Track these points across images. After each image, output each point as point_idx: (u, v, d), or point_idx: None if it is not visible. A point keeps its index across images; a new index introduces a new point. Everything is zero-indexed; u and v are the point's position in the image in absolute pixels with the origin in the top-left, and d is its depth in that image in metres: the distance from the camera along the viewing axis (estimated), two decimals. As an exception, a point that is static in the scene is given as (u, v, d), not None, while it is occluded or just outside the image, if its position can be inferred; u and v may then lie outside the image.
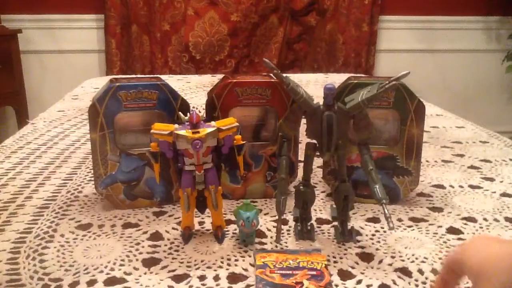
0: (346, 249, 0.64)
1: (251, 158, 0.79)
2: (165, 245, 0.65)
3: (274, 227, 0.70)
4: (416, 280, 0.57)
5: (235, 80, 0.76)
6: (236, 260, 0.61)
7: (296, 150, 0.79)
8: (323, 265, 0.58)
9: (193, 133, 0.60)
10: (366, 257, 0.63)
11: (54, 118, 1.29)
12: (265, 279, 0.55)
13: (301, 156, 0.72)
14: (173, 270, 0.59)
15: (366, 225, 0.72)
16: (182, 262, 0.61)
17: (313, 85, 1.73)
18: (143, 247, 0.65)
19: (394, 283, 0.57)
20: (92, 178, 0.79)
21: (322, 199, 0.81)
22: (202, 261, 0.61)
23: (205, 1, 2.78)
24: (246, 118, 0.78)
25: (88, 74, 2.39)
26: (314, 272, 0.56)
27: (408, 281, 0.57)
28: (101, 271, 0.59)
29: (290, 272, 0.56)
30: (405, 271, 0.59)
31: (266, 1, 2.81)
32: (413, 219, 0.74)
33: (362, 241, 0.67)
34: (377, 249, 0.65)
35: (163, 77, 0.84)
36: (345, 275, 0.59)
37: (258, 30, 2.87)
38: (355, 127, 0.63)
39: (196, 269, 0.60)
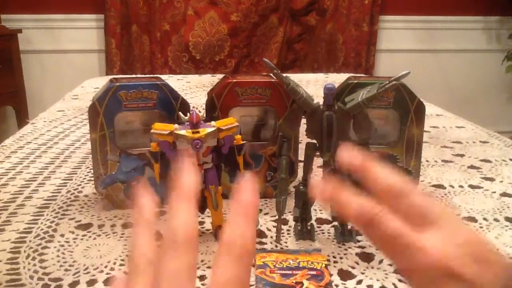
0: (346, 249, 0.64)
1: (251, 158, 0.79)
2: (165, 245, 0.65)
3: (274, 227, 0.70)
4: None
5: (235, 80, 0.76)
6: (236, 260, 0.61)
7: (296, 150, 0.79)
8: (323, 265, 0.58)
9: (193, 133, 0.60)
10: (366, 257, 0.63)
11: (54, 118, 1.29)
12: (265, 279, 0.55)
13: (301, 156, 0.72)
14: (173, 270, 0.59)
15: (366, 225, 0.72)
16: (182, 262, 0.61)
17: (313, 85, 1.73)
18: (143, 247, 0.65)
19: (395, 285, 0.57)
20: (92, 178, 0.79)
21: (322, 199, 0.81)
22: (202, 261, 0.61)
23: (205, 1, 2.78)
24: (246, 118, 0.78)
25: (88, 74, 2.39)
26: (314, 272, 0.56)
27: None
28: (101, 271, 0.59)
29: (290, 272, 0.56)
30: (405, 271, 0.59)
31: (266, 1, 2.81)
32: (413, 219, 0.73)
33: (362, 241, 0.66)
34: (377, 249, 0.65)
35: (163, 77, 0.84)
36: (345, 275, 0.59)
37: (258, 30, 2.87)
38: (355, 127, 0.63)
39: (196, 269, 0.59)
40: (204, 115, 0.75)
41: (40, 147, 1.05)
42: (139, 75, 2.48)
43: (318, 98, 0.63)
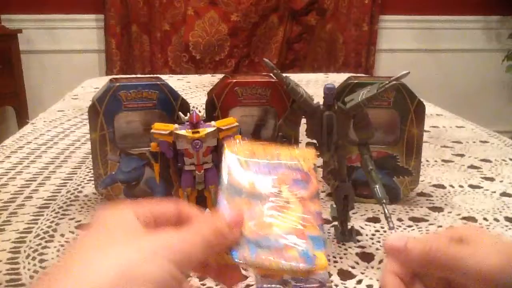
0: (346, 249, 0.64)
1: (251, 158, 0.78)
2: (165, 245, 0.65)
3: (274, 227, 0.70)
4: (416, 280, 0.57)
5: (235, 80, 0.76)
6: (236, 260, 0.61)
7: (296, 150, 0.79)
8: (311, 166, 0.44)
9: (193, 133, 0.60)
10: (366, 257, 0.63)
11: (54, 118, 1.29)
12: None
13: (301, 156, 0.72)
14: (173, 270, 0.59)
15: (366, 225, 0.72)
16: (182, 262, 0.61)
17: (313, 85, 1.73)
18: (143, 247, 0.64)
19: (394, 283, 0.57)
20: (92, 178, 0.79)
21: (322, 199, 0.81)
22: (202, 261, 0.61)
23: (205, 1, 2.78)
24: (246, 118, 0.78)
25: (88, 74, 2.39)
26: (299, 176, 0.43)
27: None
28: (101, 271, 0.59)
29: (267, 170, 0.43)
30: (405, 271, 0.59)
31: (266, 1, 2.81)
32: (413, 219, 0.74)
33: (362, 241, 0.67)
34: (377, 249, 0.65)
35: (163, 77, 0.84)
36: (345, 275, 0.59)
37: (258, 30, 2.87)
38: (355, 127, 0.63)
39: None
40: (204, 115, 0.75)
41: (40, 147, 1.05)
42: (139, 75, 2.48)
43: (318, 98, 0.63)
